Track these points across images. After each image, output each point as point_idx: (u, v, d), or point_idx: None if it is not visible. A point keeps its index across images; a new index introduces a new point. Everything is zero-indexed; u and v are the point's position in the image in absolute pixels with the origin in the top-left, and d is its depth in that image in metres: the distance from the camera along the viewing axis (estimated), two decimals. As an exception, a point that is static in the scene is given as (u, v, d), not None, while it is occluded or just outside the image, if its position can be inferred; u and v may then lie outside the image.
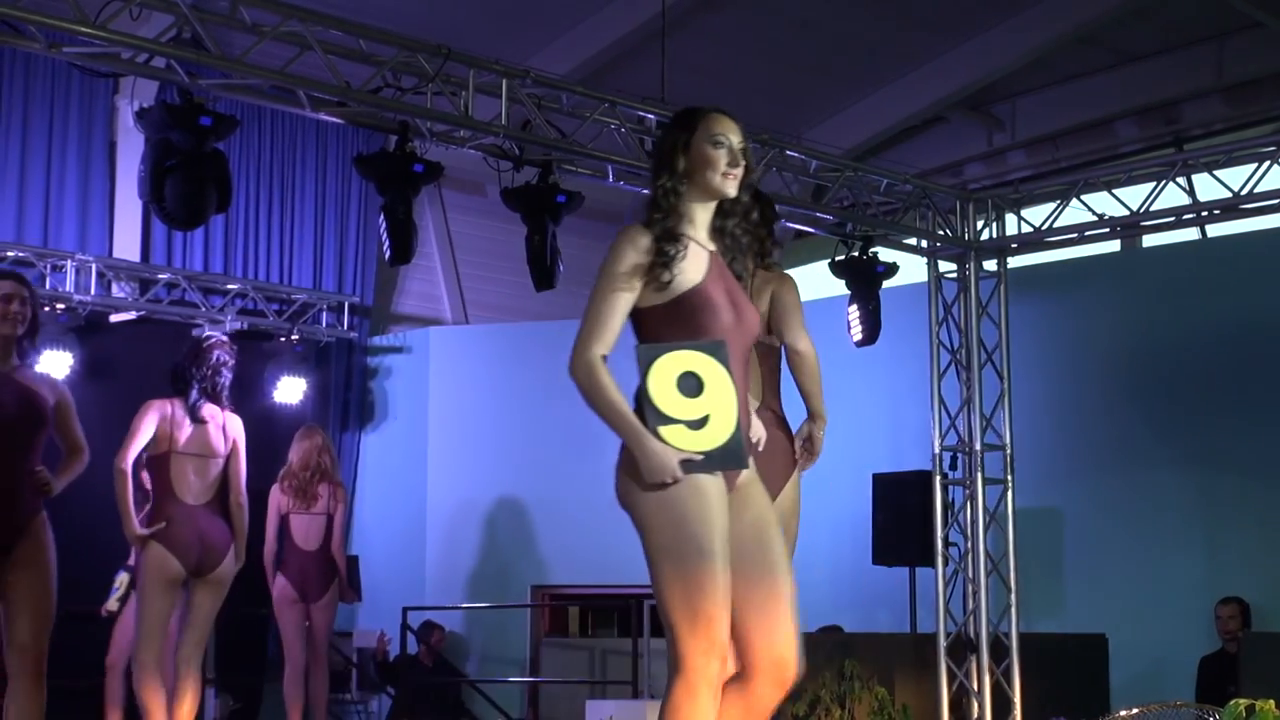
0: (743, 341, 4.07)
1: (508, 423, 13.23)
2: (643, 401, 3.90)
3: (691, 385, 3.91)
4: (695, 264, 4.04)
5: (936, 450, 10.66)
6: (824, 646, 10.09)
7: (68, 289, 11.46)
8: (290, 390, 12.82)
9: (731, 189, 4.15)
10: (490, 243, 14.15)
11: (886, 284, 10.96)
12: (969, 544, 10.51)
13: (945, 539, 10.57)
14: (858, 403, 12.12)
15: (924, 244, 11.09)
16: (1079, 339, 11.94)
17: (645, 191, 4.26)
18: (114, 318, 12.00)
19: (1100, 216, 10.39)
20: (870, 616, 11.99)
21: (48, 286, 11.42)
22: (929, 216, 10.92)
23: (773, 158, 10.17)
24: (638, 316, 4.03)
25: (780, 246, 5.98)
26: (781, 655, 4.01)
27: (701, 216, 4.15)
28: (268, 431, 12.96)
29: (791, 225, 11.43)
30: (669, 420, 3.89)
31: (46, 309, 11.21)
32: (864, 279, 10.87)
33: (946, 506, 10.73)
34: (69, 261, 11.55)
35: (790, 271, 17.10)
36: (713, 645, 3.83)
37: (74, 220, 12.06)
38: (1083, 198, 10.44)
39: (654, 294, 3.99)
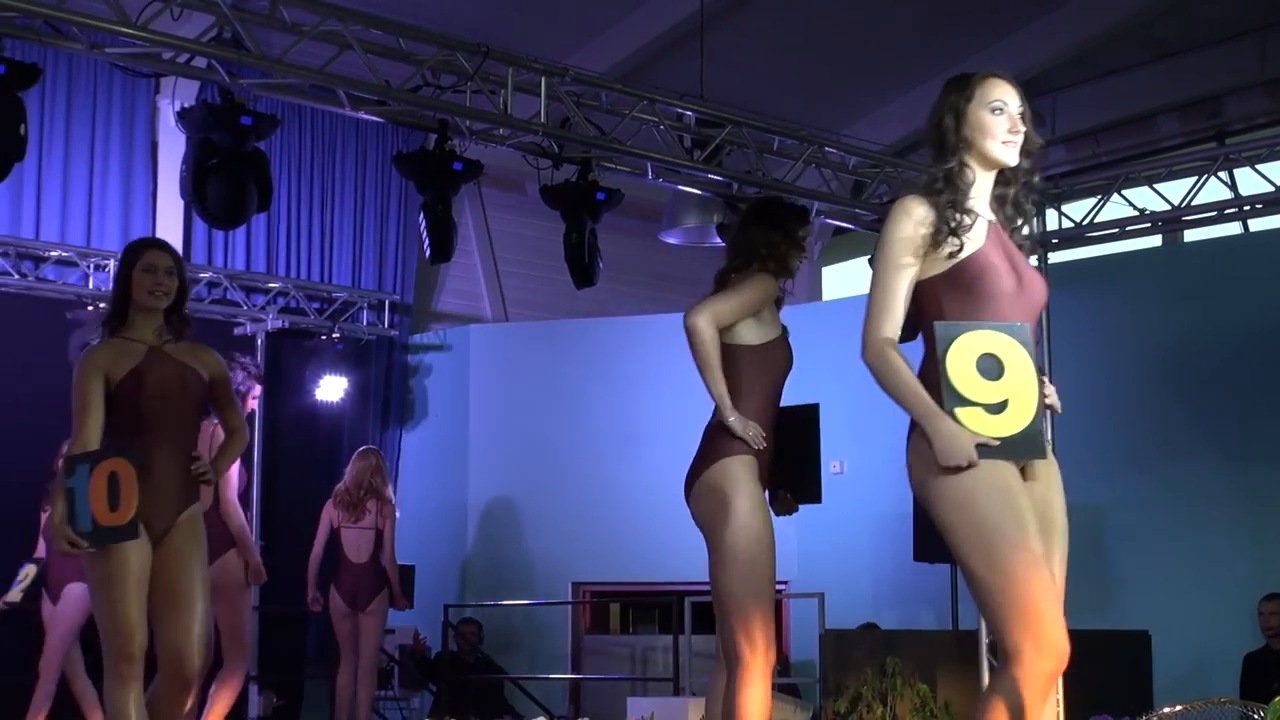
0: (1027, 310, 3.93)
1: (548, 420, 13.24)
2: (940, 381, 3.78)
3: (991, 367, 3.78)
4: (976, 232, 3.92)
5: (978, 445, 10.61)
6: (865, 643, 10.08)
7: (109, 288, 11.50)
8: (331, 388, 12.90)
9: (1012, 157, 4.03)
10: (530, 240, 14.17)
11: (927, 280, 10.92)
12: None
13: (987, 535, 10.51)
14: (898, 399, 12.08)
15: (964, 239, 11.03)
16: (1121, 335, 11.87)
17: (689, 189, 4.25)
18: (155, 316, 12.05)
19: (1142, 211, 10.33)
20: (912, 614, 11.96)
21: (91, 286, 11.49)
22: (969, 212, 10.87)
23: (811, 154, 10.15)
24: (917, 289, 3.92)
25: (804, 253, 5.91)
26: (1057, 641, 3.79)
27: (981, 185, 4.02)
28: (311, 429, 13.06)
29: (831, 222, 11.40)
30: (966, 402, 3.77)
31: (90, 308, 11.29)
32: (904, 275, 10.83)
33: (988, 502, 10.67)
34: (112, 261, 11.58)
35: (829, 268, 17.01)
36: (1042, 636, 3.69)
37: (117, 220, 12.12)
38: (1124, 193, 10.39)
39: (934, 265, 3.89)
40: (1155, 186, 10.30)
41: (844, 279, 15.71)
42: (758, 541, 5.42)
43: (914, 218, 3.88)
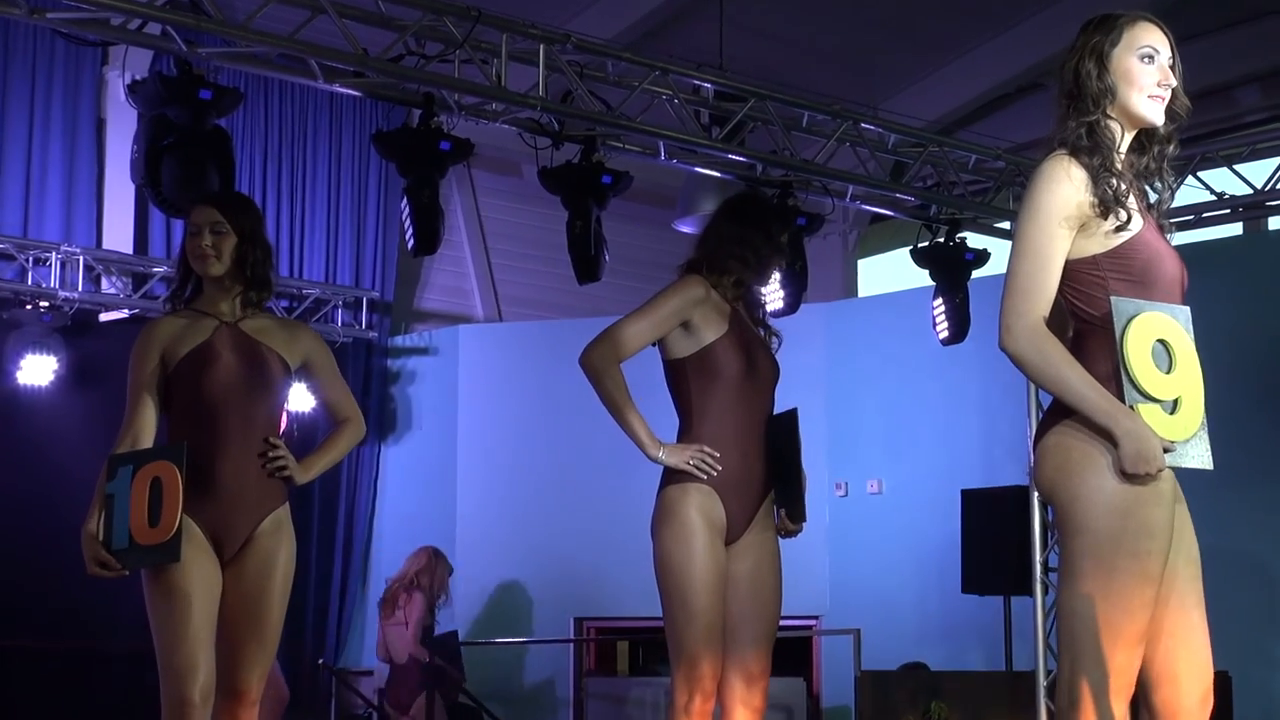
0: (1176, 299, 3.86)
1: (547, 433, 13.24)
2: (1119, 371, 3.68)
3: (1163, 357, 3.71)
4: (1132, 203, 3.83)
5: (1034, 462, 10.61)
6: (907, 685, 10.07)
7: (52, 285, 11.53)
8: (299, 400, 12.73)
9: (1158, 114, 3.89)
10: (527, 230, 14.18)
11: (976, 274, 10.94)
12: (1071, 569, 10.44)
13: (1045, 564, 10.53)
14: (944, 409, 12.09)
15: (1019, 228, 11.04)
16: (1196, 333, 11.85)
17: (707, 172, 4.20)
18: (104, 316, 12.07)
19: (1220, 196, 10.34)
20: (960, 652, 11.95)
21: (30, 282, 11.50)
22: (1024, 197, 10.87)
23: (845, 131, 10.17)
24: (1068, 269, 3.79)
25: (785, 257, 5.89)
26: (1206, 692, 3.83)
27: (1121, 147, 3.90)
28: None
29: (868, 208, 11.42)
30: (1147, 397, 3.66)
31: (29, 307, 11.31)
32: (950, 268, 10.85)
33: (1046, 527, 10.69)
34: (53, 254, 11.61)
35: (867, 260, 17.02)
36: (1120, 679, 3.68)
37: (57, 207, 12.12)
38: (1200, 174, 10.39)
39: (1093, 240, 3.79)
40: (1235, 167, 10.30)
41: (882, 273, 15.71)
42: (681, 574, 5.45)
43: (1074, 179, 3.76)
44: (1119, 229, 3.78)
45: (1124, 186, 3.80)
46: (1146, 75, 3.86)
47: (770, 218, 5.86)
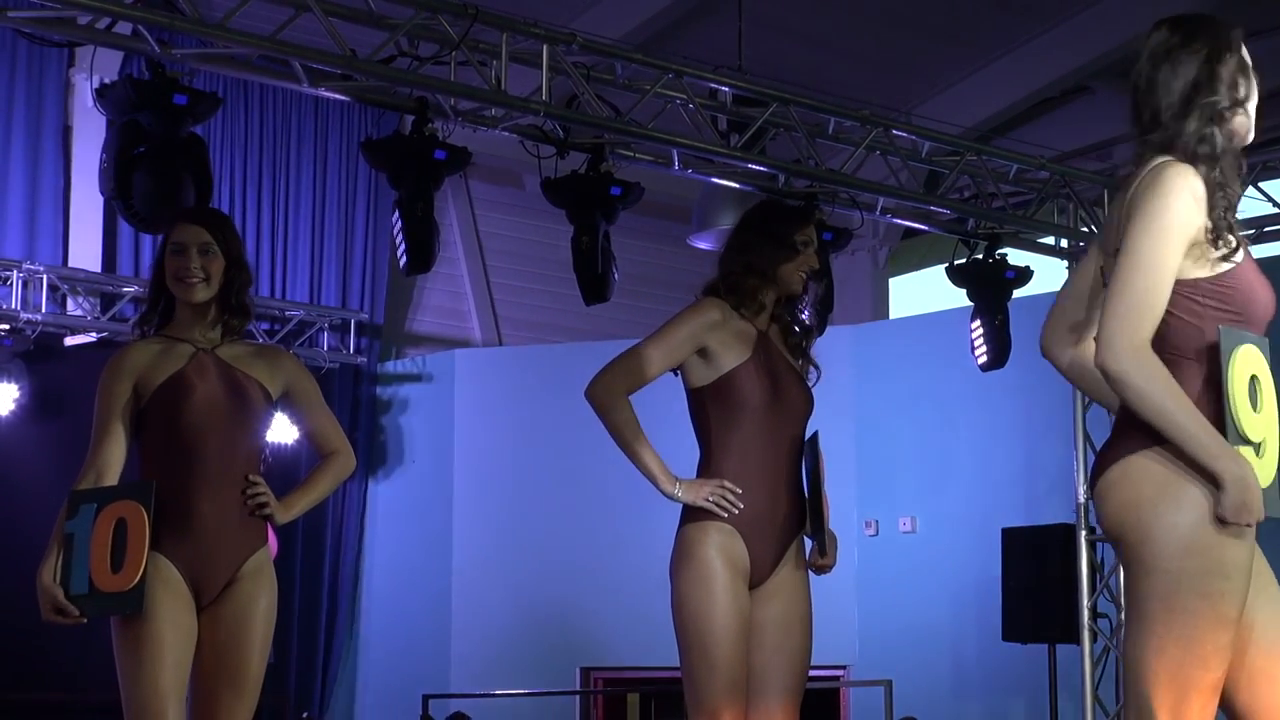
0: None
1: (551, 467, 13.25)
2: (1222, 408, 3.68)
3: (1253, 394, 3.71)
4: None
5: (1081, 499, 10.61)
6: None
7: (13, 306, 11.55)
8: (280, 430, 12.53)
9: (1251, 133, 3.91)
10: (528, 246, 14.20)
11: (1017, 293, 10.94)
12: (1122, 615, 10.43)
13: (1093, 609, 10.52)
14: (982, 440, 12.08)
15: (1063, 243, 11.05)
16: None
17: (724, 183, 4.19)
18: (69, 340, 12.07)
19: (1283, 208, 10.33)
20: (1000, 705, 11.95)
21: (-11, 303, 11.53)
22: (1069, 209, 10.89)
23: (875, 139, 10.17)
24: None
25: (810, 262, 5.81)
26: None
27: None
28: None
29: (899, 222, 11.43)
30: (1245, 440, 3.66)
31: (-11, 330, 11.33)
32: (990, 287, 10.85)
33: (1094, 568, 10.68)
34: (14, 273, 11.64)
35: (898, 279, 17.03)
36: None
37: (19, 221, 12.15)
38: (1261, 185, 10.39)
39: (1198, 265, 3.76)
40: (1300, 178, 10.30)
41: (915, 292, 15.72)
42: (700, 620, 5.42)
43: (1196, 195, 3.75)
44: (1226, 256, 3.77)
45: (1234, 209, 3.80)
46: (1253, 92, 3.89)
47: (776, 218, 5.75)
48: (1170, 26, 3.92)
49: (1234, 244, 3.75)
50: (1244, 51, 3.90)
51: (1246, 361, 3.70)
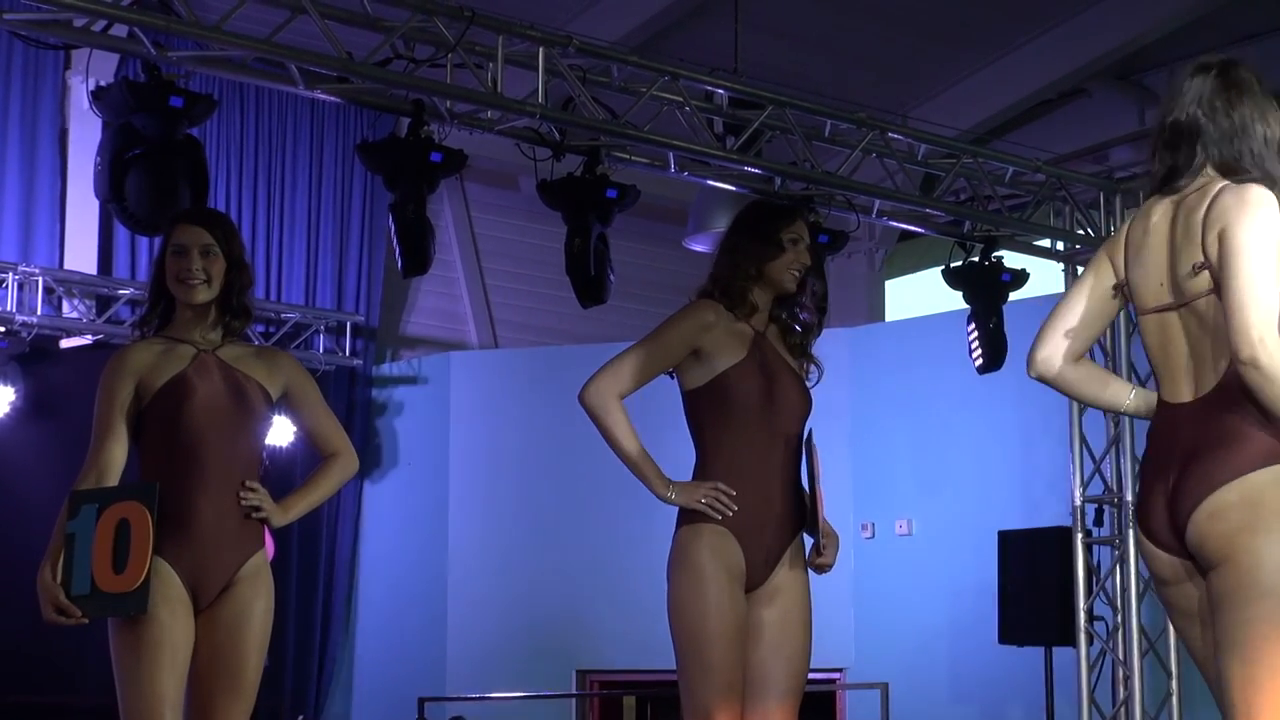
0: None
1: (547, 469, 13.25)
2: None
3: None
4: None
5: (1078, 502, 10.61)
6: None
7: (9, 308, 11.54)
8: (277, 432, 12.56)
9: None
10: (524, 248, 14.21)
11: (1014, 296, 10.95)
12: (1119, 618, 10.44)
13: (1089, 612, 10.51)
14: (979, 443, 12.09)
15: (1060, 245, 11.06)
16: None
17: (720, 185, 4.20)
18: (65, 343, 12.08)
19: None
20: (996, 708, 11.95)
21: (-15, 305, 11.53)
22: (1066, 212, 10.90)
23: (871, 141, 10.18)
24: None
25: (799, 259, 5.79)
26: None
27: None
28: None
29: (896, 224, 11.43)
30: None
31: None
32: (986, 290, 10.86)
33: (1090, 571, 10.68)
34: (10, 275, 11.63)
35: (894, 281, 17.03)
36: None
37: (15, 224, 12.14)
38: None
39: None
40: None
41: (911, 295, 15.72)
42: (694, 623, 5.42)
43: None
44: None
45: None
46: None
47: (763, 216, 5.72)
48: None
49: None
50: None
51: None
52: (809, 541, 5.59)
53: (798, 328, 5.69)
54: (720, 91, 9.86)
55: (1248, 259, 3.77)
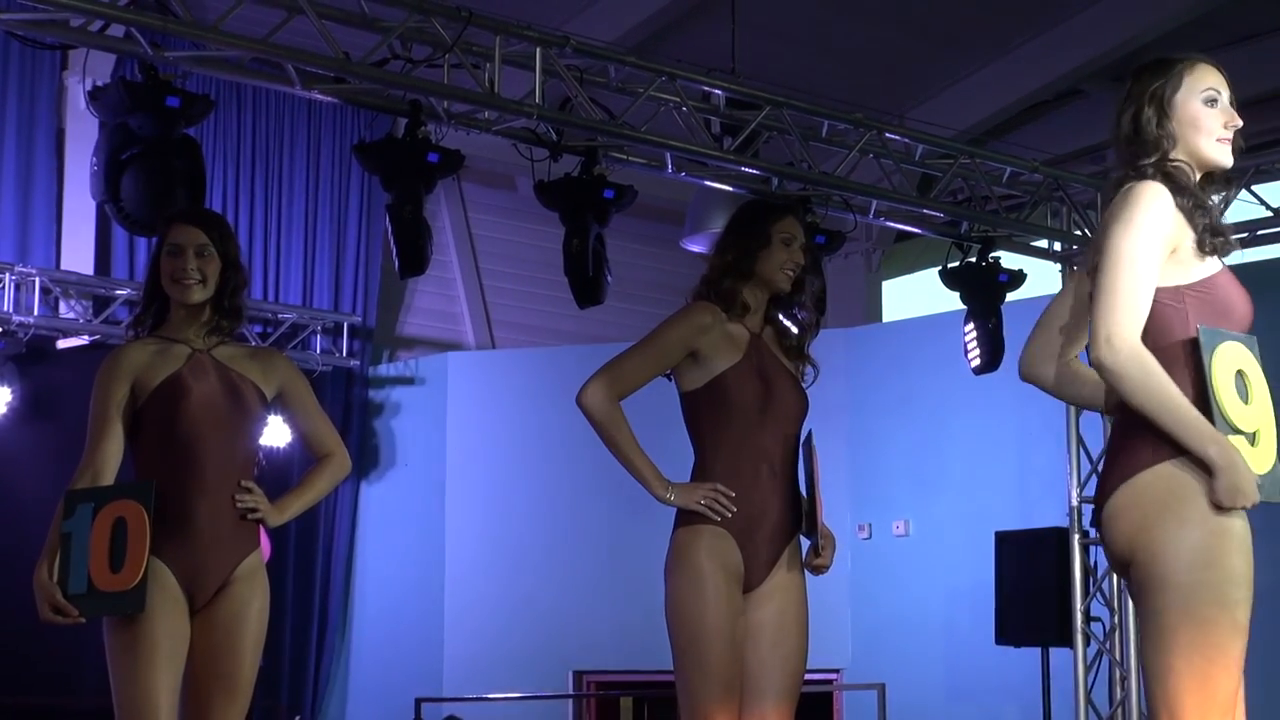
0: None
1: (544, 470, 13.24)
2: (1206, 401, 3.79)
3: (1242, 388, 3.84)
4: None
5: (1074, 502, 10.61)
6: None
7: (6, 309, 11.53)
8: (272, 433, 12.40)
9: (1228, 157, 4.08)
10: (521, 249, 14.20)
11: (1011, 296, 10.95)
12: (1115, 618, 10.44)
13: (1086, 612, 10.52)
14: (976, 443, 12.08)
15: (1057, 246, 11.06)
16: (1252, 363, 11.86)
17: (718, 185, 4.21)
18: (62, 343, 12.07)
19: (1277, 212, 10.33)
20: (993, 709, 11.94)
21: (-18, 306, 11.52)
22: (1062, 213, 10.89)
23: (869, 142, 10.18)
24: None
25: (795, 257, 5.78)
26: None
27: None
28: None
29: (893, 225, 11.43)
30: (1233, 430, 3.79)
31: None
32: (983, 291, 10.86)
33: (1087, 572, 10.68)
34: (7, 275, 11.62)
35: (891, 282, 17.00)
36: None
37: (11, 225, 12.12)
38: (1254, 189, 10.39)
39: (1178, 272, 3.92)
40: (1293, 181, 10.31)
41: (908, 295, 15.72)
42: (692, 624, 5.42)
43: (1169, 205, 3.90)
44: (1200, 262, 3.93)
45: (1211, 222, 3.96)
46: (1213, 119, 4.05)
47: (755, 215, 5.72)
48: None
49: (1210, 249, 3.93)
50: (1208, 81, 4.12)
51: (1230, 357, 3.82)
52: (806, 543, 5.59)
53: (794, 329, 5.69)
54: (717, 92, 9.86)
55: (1104, 259, 3.86)
